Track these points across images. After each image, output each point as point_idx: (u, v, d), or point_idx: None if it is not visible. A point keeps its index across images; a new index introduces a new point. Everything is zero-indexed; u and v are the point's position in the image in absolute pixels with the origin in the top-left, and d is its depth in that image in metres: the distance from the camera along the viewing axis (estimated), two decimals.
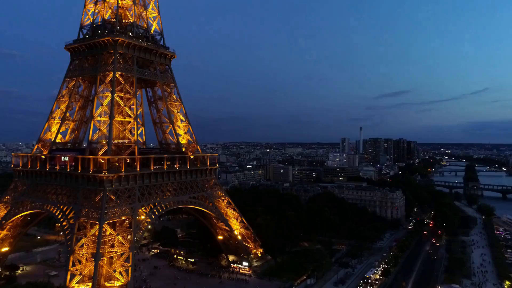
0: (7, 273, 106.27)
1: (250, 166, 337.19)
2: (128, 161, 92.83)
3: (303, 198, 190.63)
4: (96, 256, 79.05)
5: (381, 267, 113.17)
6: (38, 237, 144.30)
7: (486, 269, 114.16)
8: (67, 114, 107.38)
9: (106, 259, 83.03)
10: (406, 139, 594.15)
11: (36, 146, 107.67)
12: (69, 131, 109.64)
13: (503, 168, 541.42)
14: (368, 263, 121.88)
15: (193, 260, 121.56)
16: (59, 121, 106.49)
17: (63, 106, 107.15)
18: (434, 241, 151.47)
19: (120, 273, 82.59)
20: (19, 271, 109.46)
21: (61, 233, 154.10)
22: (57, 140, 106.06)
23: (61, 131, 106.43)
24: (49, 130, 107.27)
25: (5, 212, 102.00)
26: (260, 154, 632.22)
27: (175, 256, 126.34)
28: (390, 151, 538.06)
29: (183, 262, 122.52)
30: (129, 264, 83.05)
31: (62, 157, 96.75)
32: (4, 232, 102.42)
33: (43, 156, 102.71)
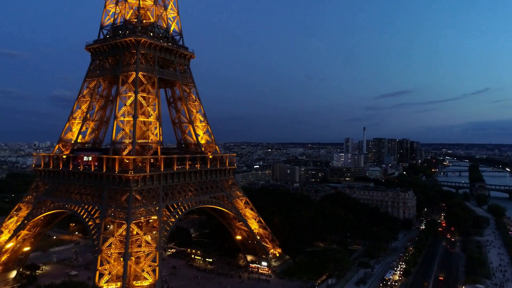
0: (28, 272, 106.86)
1: (258, 166, 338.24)
2: (151, 161, 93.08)
3: (314, 198, 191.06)
4: (125, 256, 79.27)
5: (399, 267, 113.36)
6: (54, 237, 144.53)
7: (506, 269, 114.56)
8: (88, 114, 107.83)
9: (133, 259, 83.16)
10: (409, 139, 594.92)
11: (57, 146, 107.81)
12: (88, 131, 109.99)
13: (507, 169, 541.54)
14: (386, 263, 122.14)
15: (211, 260, 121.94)
16: (80, 121, 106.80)
17: (84, 107, 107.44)
18: (449, 236, 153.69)
19: (148, 272, 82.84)
20: (39, 271, 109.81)
21: (76, 233, 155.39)
22: (78, 140, 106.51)
23: (81, 131, 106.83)
24: (70, 130, 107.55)
25: (27, 212, 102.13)
26: (263, 154, 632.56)
27: (192, 256, 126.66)
28: (394, 151, 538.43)
29: (201, 262, 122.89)
30: (156, 264, 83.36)
31: (85, 157, 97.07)
32: (25, 231, 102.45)
33: (64, 156, 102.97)
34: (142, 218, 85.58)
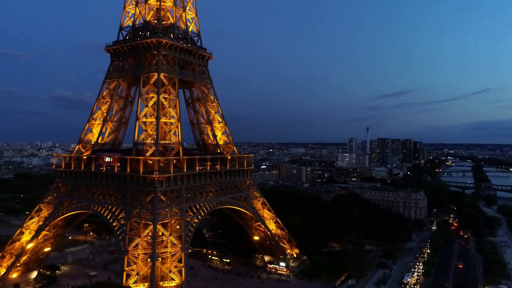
0: (48, 273, 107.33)
1: (265, 167, 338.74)
2: (174, 162, 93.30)
3: (324, 198, 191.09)
4: (153, 257, 79.66)
5: (417, 268, 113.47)
6: (69, 238, 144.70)
7: None
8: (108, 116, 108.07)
9: (159, 259, 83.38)
10: (412, 139, 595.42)
11: (77, 147, 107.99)
12: (107, 132, 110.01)
13: (511, 169, 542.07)
14: (402, 263, 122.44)
15: (228, 260, 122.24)
16: (100, 122, 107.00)
17: (104, 108, 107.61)
18: (462, 235, 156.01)
19: (174, 273, 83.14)
20: (58, 271, 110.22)
21: (91, 233, 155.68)
22: (98, 141, 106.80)
23: (102, 132, 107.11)
24: (90, 131, 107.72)
25: (48, 212, 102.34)
26: (265, 155, 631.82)
27: (209, 256, 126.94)
28: (398, 152, 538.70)
29: (218, 262, 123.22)
30: (182, 265, 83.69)
31: (108, 158, 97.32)
32: (46, 232, 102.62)
33: (84, 157, 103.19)
34: (167, 219, 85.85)
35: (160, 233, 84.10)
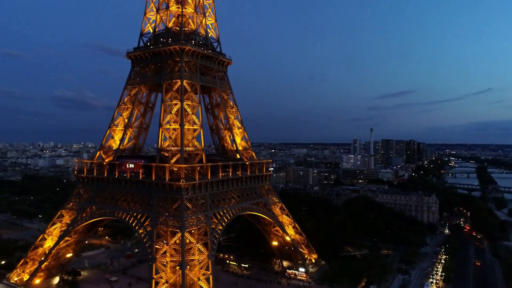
0: (69, 278, 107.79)
1: (272, 169, 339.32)
2: (198, 169, 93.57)
3: (335, 201, 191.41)
4: (182, 265, 79.90)
5: (436, 275, 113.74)
6: (86, 241, 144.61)
7: None
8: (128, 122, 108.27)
9: (188, 267, 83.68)
10: (416, 140, 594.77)
11: (98, 153, 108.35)
12: (127, 137, 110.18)
13: None
14: (420, 268, 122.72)
15: (246, 265, 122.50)
16: (122, 128, 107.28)
17: (125, 114, 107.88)
18: (477, 240, 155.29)
19: (202, 281, 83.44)
20: (79, 277, 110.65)
21: (106, 237, 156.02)
22: (120, 147, 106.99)
23: (124, 138, 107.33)
24: (112, 137, 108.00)
25: (71, 218, 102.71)
26: (268, 155, 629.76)
27: (227, 261, 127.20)
28: (402, 153, 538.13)
29: (236, 267, 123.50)
30: (209, 272, 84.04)
31: (131, 164, 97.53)
32: (67, 238, 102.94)
33: (104, 163, 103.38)
34: (194, 226, 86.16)
35: (188, 241, 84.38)
